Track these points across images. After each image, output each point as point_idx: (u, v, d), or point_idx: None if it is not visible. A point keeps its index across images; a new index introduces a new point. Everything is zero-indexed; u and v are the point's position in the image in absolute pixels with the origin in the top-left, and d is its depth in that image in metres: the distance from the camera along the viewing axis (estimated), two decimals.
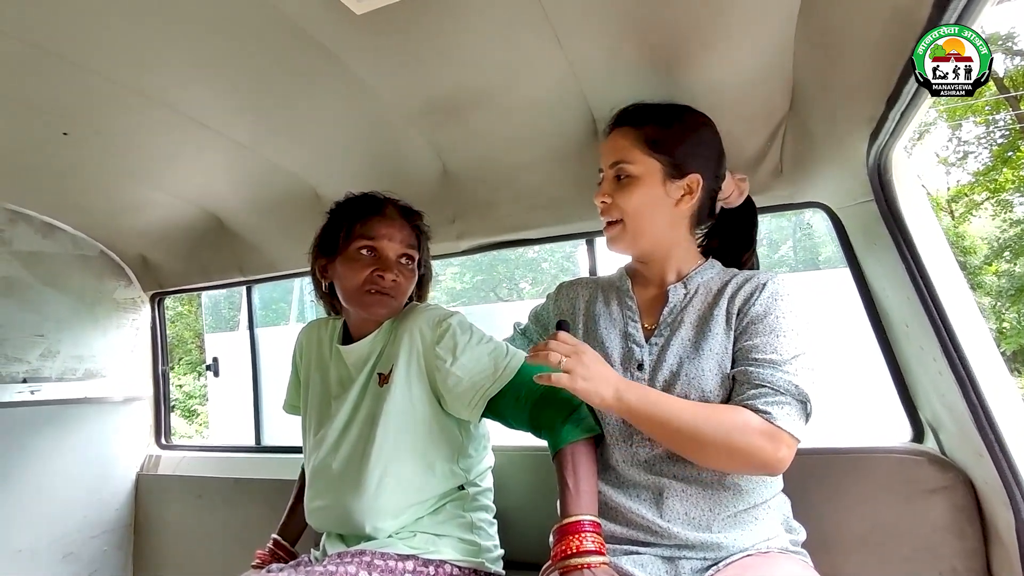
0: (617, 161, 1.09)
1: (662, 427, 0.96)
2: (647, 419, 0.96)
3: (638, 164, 1.07)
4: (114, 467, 2.23)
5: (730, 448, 0.92)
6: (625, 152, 1.08)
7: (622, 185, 1.08)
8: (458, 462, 1.26)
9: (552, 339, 0.98)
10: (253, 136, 1.47)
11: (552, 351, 0.95)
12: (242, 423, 2.38)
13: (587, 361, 0.96)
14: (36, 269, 2.04)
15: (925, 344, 1.08)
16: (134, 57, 1.15)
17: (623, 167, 1.08)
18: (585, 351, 0.97)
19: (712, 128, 1.12)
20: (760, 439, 0.92)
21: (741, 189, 1.17)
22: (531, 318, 1.33)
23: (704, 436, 0.93)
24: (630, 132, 1.09)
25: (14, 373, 1.98)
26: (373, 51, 1.12)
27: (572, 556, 0.92)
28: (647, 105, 1.13)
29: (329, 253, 1.26)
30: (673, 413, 0.95)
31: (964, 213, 13.41)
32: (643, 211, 1.08)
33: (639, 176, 1.07)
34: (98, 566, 2.14)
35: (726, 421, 0.93)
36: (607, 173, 1.11)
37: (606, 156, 1.12)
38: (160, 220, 1.98)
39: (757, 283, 1.04)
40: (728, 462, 0.95)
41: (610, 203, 1.09)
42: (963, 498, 1.12)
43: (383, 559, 1.12)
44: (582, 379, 0.94)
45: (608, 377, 0.97)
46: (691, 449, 0.96)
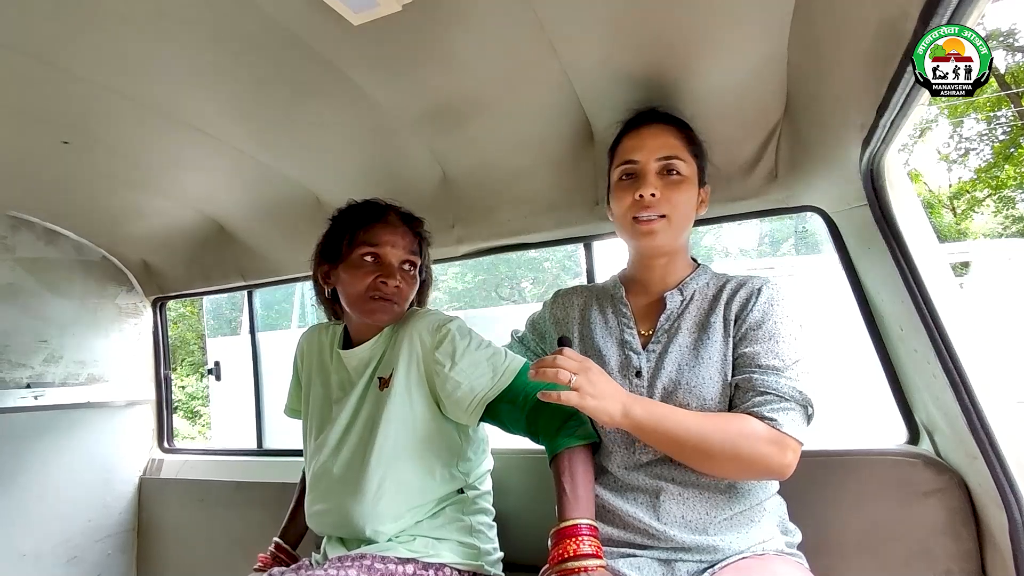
0: (670, 156, 1.07)
1: (669, 440, 0.97)
2: (653, 433, 0.97)
3: (688, 163, 1.08)
4: (117, 471, 2.25)
5: (738, 457, 0.94)
6: (676, 148, 1.08)
7: (673, 181, 1.07)
8: (457, 466, 1.27)
9: (557, 354, 0.97)
10: (253, 143, 1.48)
11: (560, 368, 0.95)
12: (245, 426, 2.39)
13: (594, 379, 0.96)
14: (39, 275, 2.06)
15: (919, 347, 1.09)
16: (134, 67, 1.16)
17: (675, 163, 1.06)
18: (591, 368, 0.98)
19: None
20: (767, 446, 0.93)
21: (706, 203, 1.18)
22: (528, 326, 1.34)
23: (711, 446, 0.94)
24: (675, 131, 1.09)
25: (18, 378, 2.00)
26: (371, 60, 1.13)
27: (569, 559, 0.92)
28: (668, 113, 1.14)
29: (332, 259, 1.27)
30: (680, 426, 0.96)
31: (966, 210, 13.40)
32: (687, 212, 1.09)
33: (688, 176, 1.08)
34: (102, 570, 2.16)
35: (732, 430, 0.94)
36: (649, 166, 1.07)
37: (652, 149, 1.08)
38: (161, 226, 1.99)
39: (752, 288, 1.05)
40: (736, 470, 0.97)
41: (659, 196, 1.06)
42: (958, 500, 1.13)
43: (383, 563, 1.13)
44: (590, 397, 0.95)
45: (614, 394, 0.97)
46: (699, 460, 0.97)
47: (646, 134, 1.10)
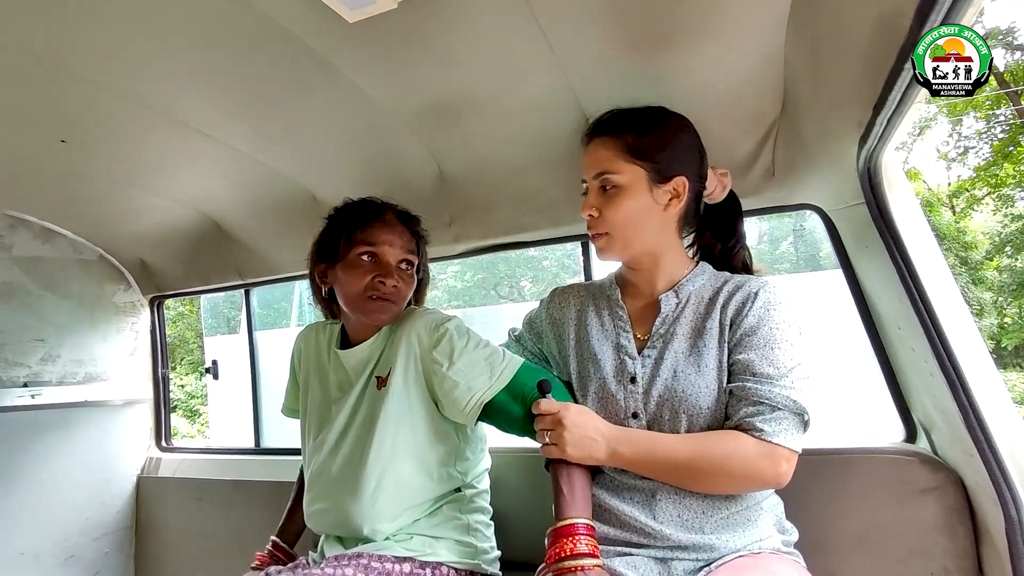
0: (601, 172, 1.07)
1: (659, 469, 1.00)
2: (643, 466, 1.00)
3: (623, 173, 1.05)
4: (115, 470, 2.25)
5: (728, 475, 0.95)
6: (608, 162, 1.06)
7: (609, 196, 1.07)
8: (455, 465, 1.27)
9: (535, 408, 1.04)
10: (250, 142, 1.48)
11: (537, 430, 1.03)
12: (242, 425, 2.39)
13: (570, 426, 1.00)
14: (36, 274, 2.06)
15: (916, 345, 1.09)
16: (131, 66, 1.16)
17: (608, 177, 1.06)
18: (566, 415, 1.01)
19: (691, 128, 1.11)
20: (758, 461, 0.94)
21: (724, 184, 1.16)
22: (525, 325, 1.33)
23: (701, 469, 0.96)
24: (610, 141, 1.07)
25: (15, 377, 2.00)
26: (366, 58, 1.13)
27: (566, 559, 0.93)
28: (623, 111, 1.11)
29: (329, 259, 1.27)
30: (668, 455, 0.98)
31: (965, 208, 13.40)
32: (631, 220, 1.06)
33: (625, 185, 1.05)
34: (100, 568, 2.16)
35: (719, 451, 0.95)
36: (591, 184, 1.09)
37: (588, 168, 1.10)
38: (158, 224, 1.99)
39: (748, 292, 1.04)
40: (729, 486, 0.98)
41: (597, 216, 1.08)
42: (955, 498, 1.13)
43: (380, 561, 1.13)
44: (571, 447, 1.00)
45: (596, 438, 1.01)
46: (691, 483, 0.99)
47: (588, 152, 1.11)
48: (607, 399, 1.07)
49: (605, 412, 1.07)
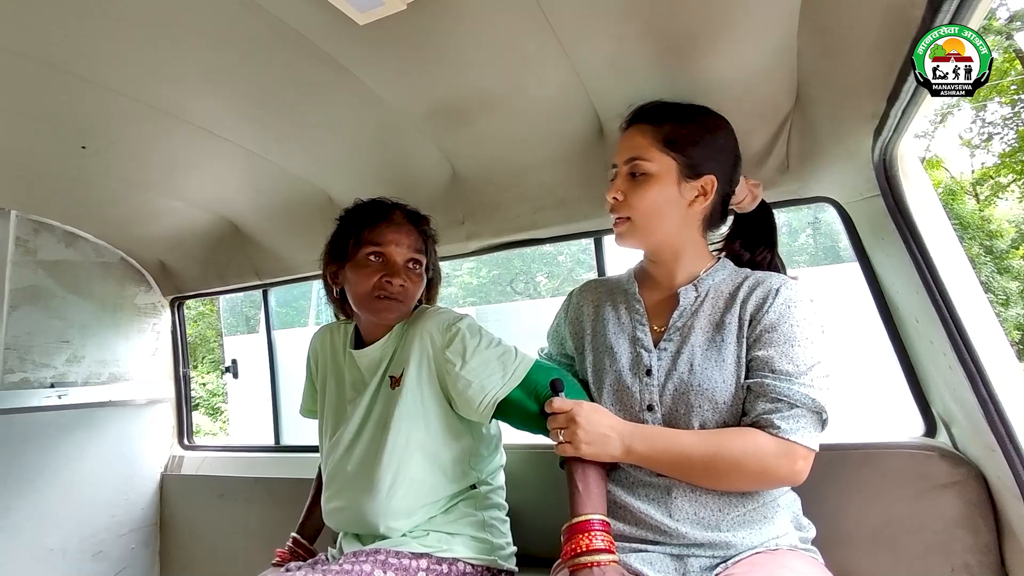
0: (633, 157, 1.07)
1: (674, 466, 0.99)
2: (658, 462, 1.00)
3: (654, 162, 1.05)
4: (139, 468, 2.30)
5: (744, 472, 0.95)
6: (642, 149, 1.07)
7: (636, 182, 1.07)
8: (470, 462, 1.28)
9: (548, 407, 1.04)
10: (264, 144, 1.50)
11: (551, 428, 1.04)
12: (262, 423, 2.43)
13: (584, 424, 1.00)
14: (60, 277, 2.11)
15: (935, 339, 1.07)
16: (147, 72, 1.18)
17: (639, 164, 1.06)
18: (579, 413, 1.01)
19: (730, 131, 1.10)
20: (774, 459, 0.93)
21: (755, 195, 1.16)
22: (549, 339, 1.32)
23: (717, 466, 0.95)
24: (648, 129, 1.08)
25: (42, 378, 2.05)
26: (377, 59, 1.14)
27: (582, 554, 0.93)
28: (666, 103, 1.11)
29: (339, 259, 1.28)
30: (684, 452, 0.97)
31: (990, 196, 13.11)
32: (655, 209, 1.06)
33: (654, 174, 1.05)
34: (127, 563, 2.21)
35: (736, 448, 0.94)
36: (621, 169, 1.09)
37: (622, 152, 1.10)
38: (177, 227, 2.03)
39: (769, 288, 1.02)
40: (745, 484, 0.97)
41: (621, 200, 1.08)
42: (976, 493, 1.11)
43: (397, 557, 1.15)
44: (585, 444, 1.00)
45: (610, 435, 1.00)
46: (706, 480, 0.98)
47: (624, 137, 1.11)
48: (622, 392, 1.07)
49: (620, 405, 1.07)
